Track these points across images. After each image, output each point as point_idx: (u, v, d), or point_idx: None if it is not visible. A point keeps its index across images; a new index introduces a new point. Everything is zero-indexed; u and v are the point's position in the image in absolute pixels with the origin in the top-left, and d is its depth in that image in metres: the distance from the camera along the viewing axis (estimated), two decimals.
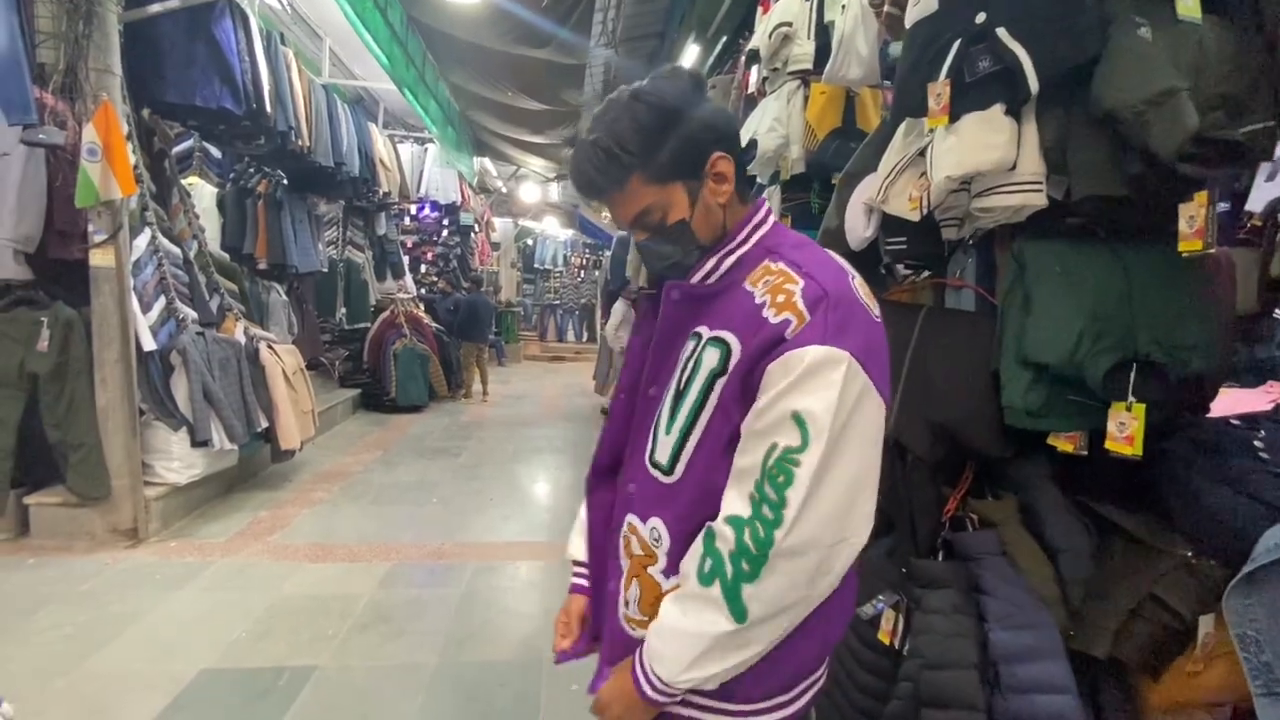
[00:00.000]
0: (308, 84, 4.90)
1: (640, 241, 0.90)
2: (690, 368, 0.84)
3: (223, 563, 3.21)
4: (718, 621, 0.75)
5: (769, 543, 0.73)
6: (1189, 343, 1.12)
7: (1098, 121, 1.07)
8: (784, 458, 0.73)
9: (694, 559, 0.80)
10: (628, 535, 0.92)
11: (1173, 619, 1.08)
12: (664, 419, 0.87)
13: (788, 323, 0.76)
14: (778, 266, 0.83)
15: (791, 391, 0.74)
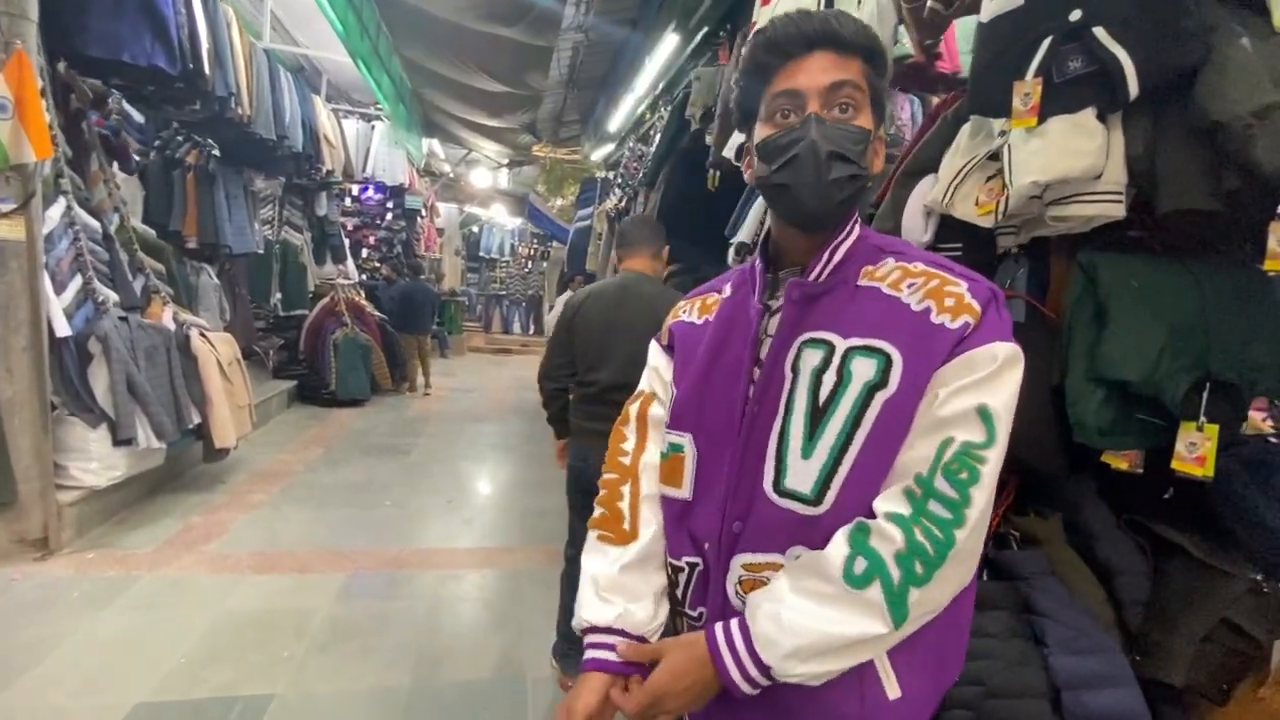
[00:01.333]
0: (249, 47, 4.48)
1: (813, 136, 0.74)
2: (834, 380, 0.75)
3: (151, 576, 2.88)
4: (870, 626, 0.68)
5: (950, 543, 0.67)
6: (1261, 363, 1.11)
7: (1191, 132, 1.03)
8: (965, 452, 0.68)
9: (834, 558, 0.70)
10: (746, 578, 0.80)
11: (1248, 644, 1.06)
12: (796, 441, 0.77)
13: (966, 325, 0.72)
14: (919, 268, 0.79)
15: (979, 387, 0.70)
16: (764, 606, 0.73)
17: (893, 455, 0.73)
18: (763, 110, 0.81)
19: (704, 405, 0.86)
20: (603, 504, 0.93)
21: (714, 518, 0.83)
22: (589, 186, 6.93)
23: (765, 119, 0.80)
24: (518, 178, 11.57)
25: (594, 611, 0.85)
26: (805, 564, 0.74)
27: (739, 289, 0.91)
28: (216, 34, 3.88)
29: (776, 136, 0.78)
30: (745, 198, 2.80)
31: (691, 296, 0.99)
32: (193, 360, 3.75)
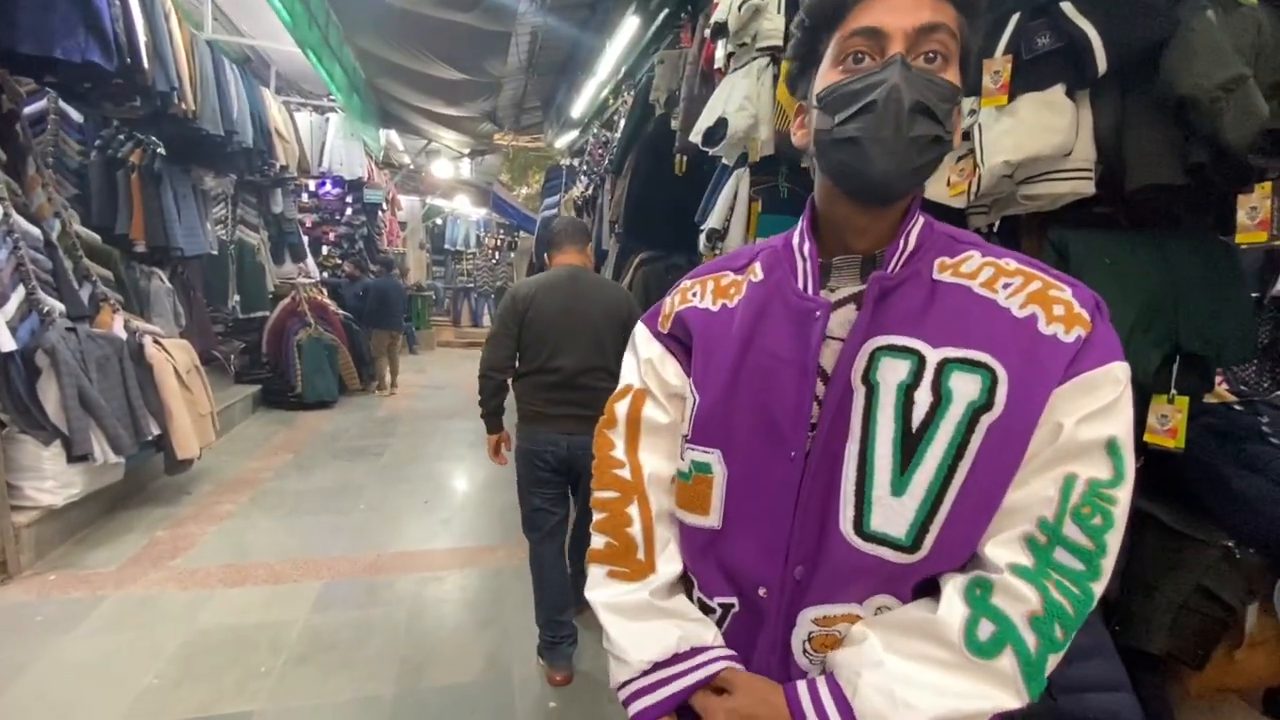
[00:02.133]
0: (190, 38, 4.26)
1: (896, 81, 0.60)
2: (930, 400, 0.63)
3: (118, 596, 2.77)
4: (1001, 700, 0.58)
5: (1088, 601, 0.59)
6: (1225, 335, 1.13)
7: (1158, 107, 1.03)
8: (1095, 494, 0.59)
9: (952, 621, 0.60)
10: (819, 634, 0.68)
11: (1220, 610, 1.09)
12: (884, 474, 0.64)
13: (1079, 338, 0.61)
14: (1013, 265, 0.66)
15: (1104, 415, 0.60)
16: (866, 677, 0.61)
17: (1000, 491, 0.61)
18: (830, 53, 0.66)
19: (738, 416, 0.71)
20: (605, 531, 0.77)
21: (763, 560, 0.69)
22: (554, 174, 6.82)
23: (833, 62, 0.65)
24: (480, 167, 11.34)
25: (646, 645, 0.70)
26: (905, 622, 0.63)
27: (773, 272, 0.74)
28: (154, 26, 3.67)
29: (848, 81, 0.63)
30: (714, 182, 2.77)
31: (697, 276, 0.82)
32: (148, 369, 3.60)
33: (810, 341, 0.67)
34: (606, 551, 0.77)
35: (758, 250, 0.80)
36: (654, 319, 0.83)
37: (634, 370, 0.82)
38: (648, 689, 0.70)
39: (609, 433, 0.82)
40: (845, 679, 0.63)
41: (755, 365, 0.71)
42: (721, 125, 2.40)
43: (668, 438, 0.79)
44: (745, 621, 0.73)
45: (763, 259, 0.77)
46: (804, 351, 0.67)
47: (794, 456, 0.67)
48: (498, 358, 2.31)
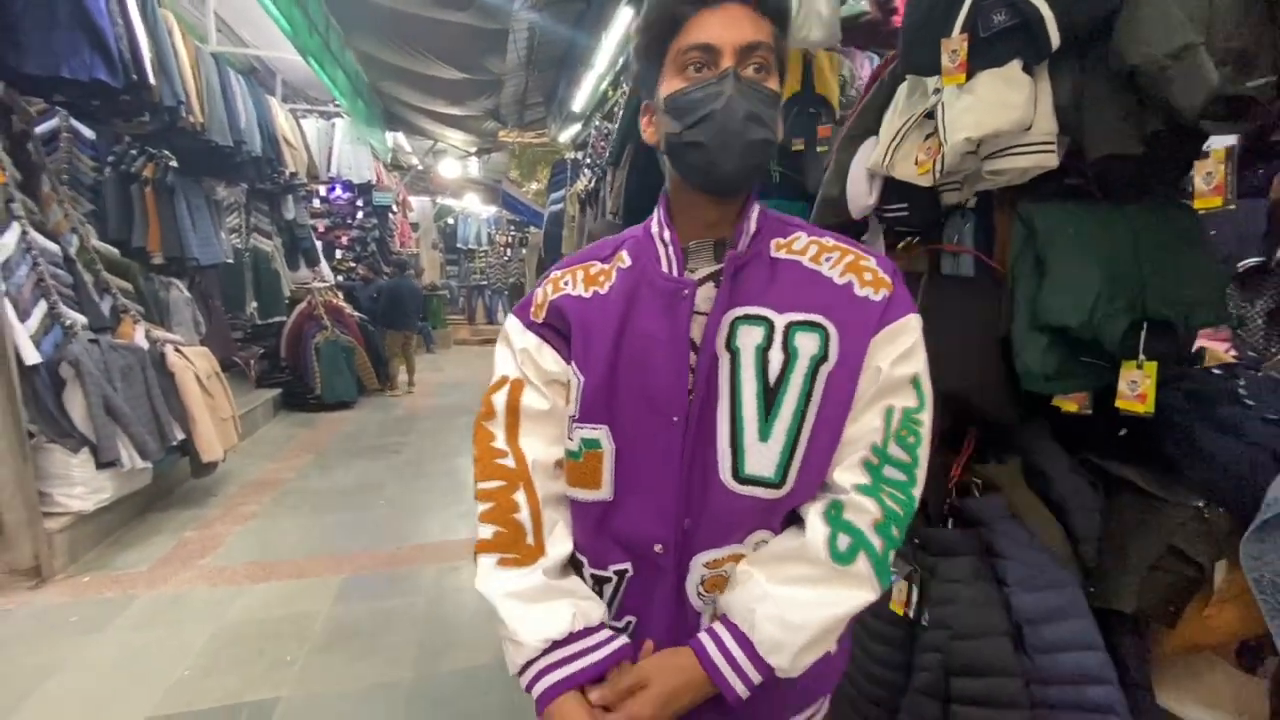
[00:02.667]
0: (194, 52, 4.36)
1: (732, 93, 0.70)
2: (782, 358, 0.74)
3: (149, 595, 2.89)
4: (863, 596, 0.71)
5: (911, 503, 0.73)
6: (1193, 299, 1.14)
7: (1114, 78, 1.05)
8: (908, 419, 0.74)
9: (817, 541, 0.71)
10: (710, 576, 0.77)
11: (1191, 569, 1.11)
12: (751, 424, 0.74)
13: (889, 298, 0.75)
14: (831, 242, 0.81)
15: (908, 357, 0.75)
16: (759, 611, 0.71)
17: (840, 426, 0.74)
18: (670, 61, 0.75)
19: (621, 392, 0.77)
20: (493, 520, 0.79)
21: (655, 519, 0.76)
22: (559, 169, 6.86)
23: (674, 72, 0.75)
24: (488, 165, 11.42)
25: (541, 625, 0.74)
26: (780, 552, 0.74)
27: (639, 259, 0.82)
28: (158, 42, 3.77)
29: (690, 90, 0.73)
30: None
31: (566, 266, 0.87)
32: (170, 377, 3.73)
33: (681, 318, 0.76)
34: (495, 540, 0.79)
35: (621, 240, 0.87)
36: (526, 310, 0.85)
37: (509, 361, 0.84)
38: (550, 668, 0.74)
39: (488, 424, 0.83)
40: (741, 618, 0.72)
41: (633, 344, 0.77)
42: None
43: (549, 423, 0.82)
44: (640, 581, 0.80)
45: (628, 248, 0.84)
46: (676, 327, 0.76)
47: (676, 421, 0.75)
48: None
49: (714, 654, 0.72)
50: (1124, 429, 1.31)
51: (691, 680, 0.72)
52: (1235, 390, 1.28)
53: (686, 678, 0.72)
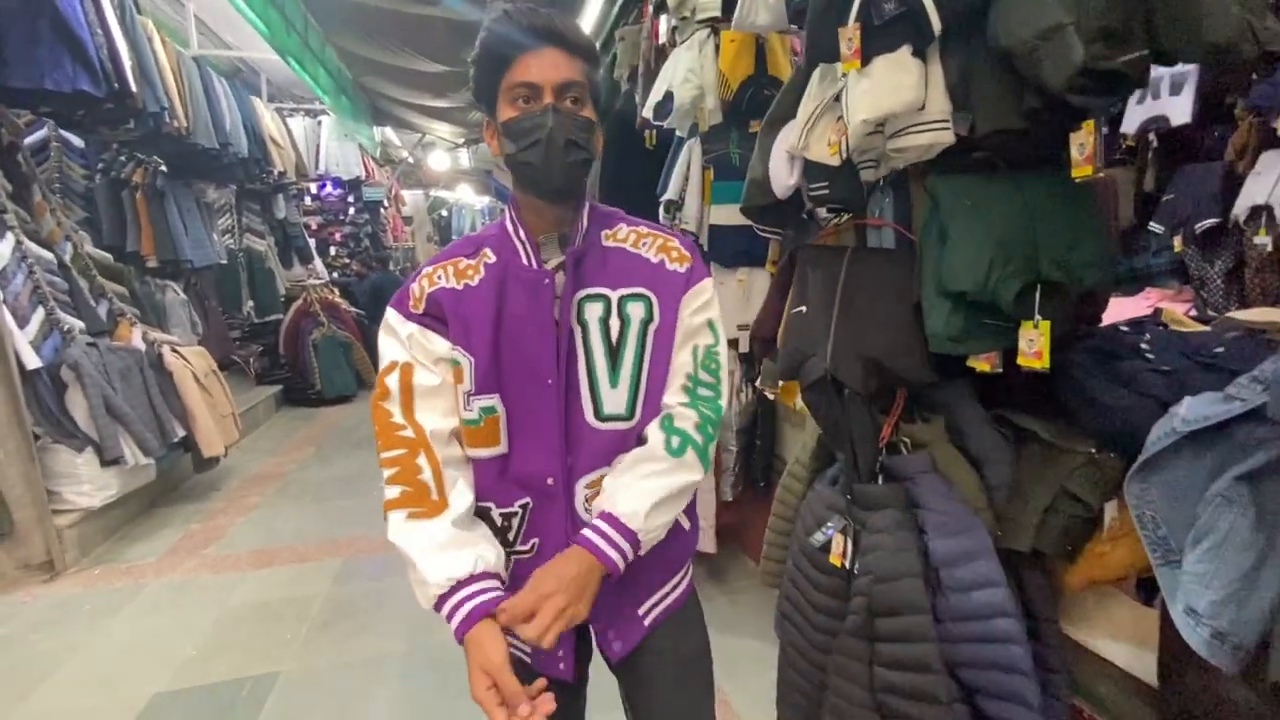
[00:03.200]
0: (175, 57, 4.44)
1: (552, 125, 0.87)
2: (619, 324, 0.96)
3: (158, 583, 3.04)
4: (693, 475, 0.95)
5: (719, 409, 0.99)
6: (1084, 261, 1.23)
7: (996, 59, 1.13)
8: (709, 353, 1.00)
9: (656, 444, 0.94)
10: (590, 493, 0.97)
11: (1083, 509, 1.21)
12: (603, 376, 0.96)
13: (690, 269, 0.99)
14: (645, 230, 1.03)
15: (703, 309, 1.00)
16: (620, 494, 0.91)
17: (667, 367, 0.98)
18: (502, 94, 0.91)
19: (506, 366, 0.94)
20: (399, 481, 0.90)
21: (546, 459, 0.95)
22: None
23: (506, 102, 0.90)
24: (477, 155, 11.43)
25: (448, 567, 0.85)
26: (632, 457, 0.95)
27: (501, 254, 0.96)
28: (138, 49, 3.85)
29: (520, 119, 0.89)
30: (670, 157, 2.87)
31: (438, 262, 0.99)
32: (168, 376, 3.85)
33: (545, 302, 0.94)
34: (402, 498, 0.89)
35: (483, 238, 1.01)
36: (404, 303, 0.97)
37: (397, 347, 0.96)
38: (462, 601, 0.84)
39: (385, 404, 0.94)
40: (608, 503, 0.91)
41: (510, 327, 0.95)
42: (669, 98, 2.50)
43: (440, 397, 0.95)
44: (539, 511, 0.99)
45: (490, 245, 0.99)
46: (541, 309, 0.94)
47: (550, 384, 0.94)
48: None
49: (592, 536, 0.89)
50: (1033, 385, 1.40)
51: (580, 566, 0.86)
52: (1139, 345, 1.37)
53: (576, 566, 0.86)
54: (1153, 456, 1.11)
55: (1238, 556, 1.00)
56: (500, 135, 0.93)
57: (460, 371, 0.94)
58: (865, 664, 1.37)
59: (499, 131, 0.93)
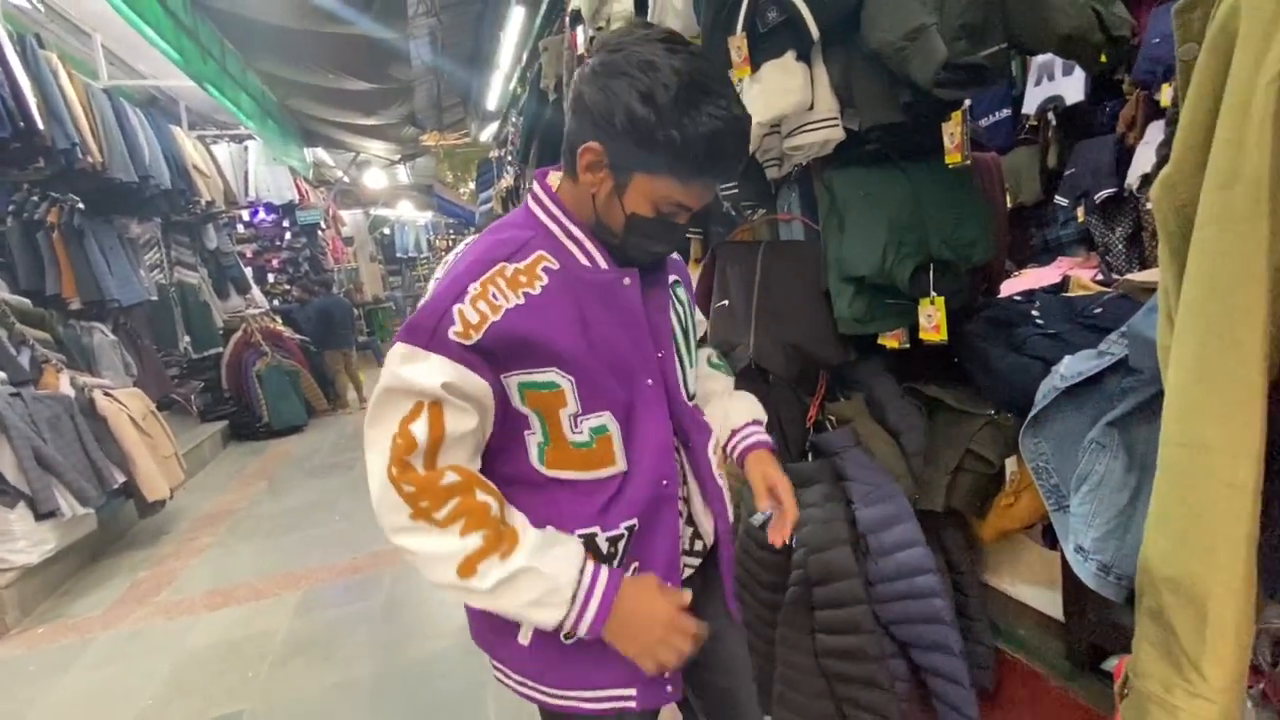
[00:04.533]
0: (84, 90, 4.27)
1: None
2: (682, 311, 1.02)
3: (107, 636, 2.94)
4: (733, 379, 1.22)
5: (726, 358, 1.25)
6: (969, 239, 1.34)
7: (872, 58, 1.22)
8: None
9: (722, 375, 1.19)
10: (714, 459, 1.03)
11: (987, 466, 1.32)
12: (686, 358, 1.00)
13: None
14: None
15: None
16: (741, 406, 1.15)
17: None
18: (653, 182, 0.80)
19: (607, 379, 0.86)
20: (476, 528, 0.79)
21: (660, 463, 0.91)
22: (485, 168, 6.89)
23: (649, 198, 0.82)
24: (416, 171, 11.29)
25: (571, 557, 0.83)
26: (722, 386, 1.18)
27: (559, 257, 0.86)
28: (43, 86, 3.70)
29: (651, 224, 0.84)
30: None
31: (481, 275, 0.82)
32: (102, 421, 3.71)
33: (634, 302, 0.89)
34: (488, 544, 0.79)
35: (521, 238, 0.87)
36: (442, 334, 0.78)
37: (423, 385, 0.78)
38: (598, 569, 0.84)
39: (411, 459, 0.79)
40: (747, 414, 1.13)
41: (600, 334, 0.85)
42: None
43: (474, 437, 0.84)
44: (646, 529, 0.92)
45: (544, 249, 0.86)
46: (632, 311, 0.89)
47: (651, 384, 0.91)
48: None
49: (762, 438, 1.10)
50: (940, 357, 1.51)
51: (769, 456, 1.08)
52: (1030, 313, 1.49)
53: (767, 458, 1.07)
54: (1040, 412, 1.22)
55: (1114, 496, 1.11)
56: (618, 199, 0.83)
57: (560, 395, 0.84)
58: (807, 632, 1.45)
59: (617, 202, 0.83)
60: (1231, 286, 0.62)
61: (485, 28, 5.35)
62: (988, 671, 1.42)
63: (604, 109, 0.77)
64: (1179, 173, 0.68)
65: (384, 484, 0.79)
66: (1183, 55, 0.73)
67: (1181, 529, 0.66)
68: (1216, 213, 0.63)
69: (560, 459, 0.87)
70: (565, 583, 0.81)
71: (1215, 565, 0.64)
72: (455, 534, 0.79)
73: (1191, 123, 0.66)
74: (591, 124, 0.80)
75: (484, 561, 0.79)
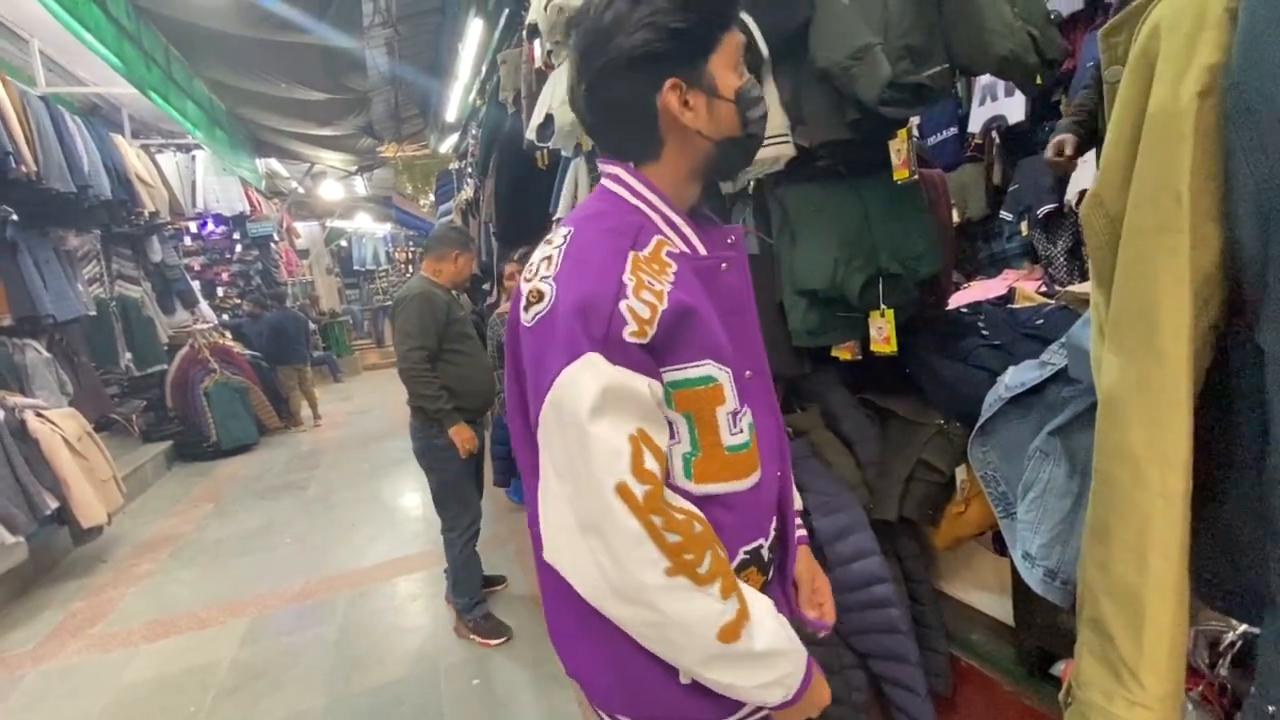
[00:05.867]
0: (19, 97, 4.08)
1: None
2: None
3: (37, 673, 2.76)
4: None
5: None
6: (916, 253, 1.37)
7: (820, 77, 1.24)
8: None
9: None
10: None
11: (938, 476, 1.34)
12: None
13: None
14: None
15: None
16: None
17: None
18: (725, 52, 0.74)
19: (744, 371, 0.78)
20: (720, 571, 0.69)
21: (777, 457, 0.85)
22: (444, 180, 6.79)
23: (730, 65, 0.75)
24: (374, 182, 11.09)
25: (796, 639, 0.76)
26: None
27: (673, 240, 0.76)
28: None
29: (750, 88, 0.76)
30: (559, 176, 2.92)
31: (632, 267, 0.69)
32: (33, 444, 3.51)
33: (747, 286, 0.83)
34: (743, 606, 0.71)
35: (631, 223, 0.75)
36: (615, 337, 0.66)
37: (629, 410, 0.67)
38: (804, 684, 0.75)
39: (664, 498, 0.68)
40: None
41: (731, 324, 0.76)
42: (550, 120, 2.55)
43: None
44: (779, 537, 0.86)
45: (657, 234, 0.76)
46: (748, 296, 0.83)
47: (753, 374, 0.81)
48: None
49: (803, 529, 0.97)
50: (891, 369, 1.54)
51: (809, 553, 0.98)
52: (976, 324, 1.53)
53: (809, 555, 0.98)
54: (987, 421, 1.25)
55: (1058, 502, 1.14)
56: (721, 101, 0.74)
57: (718, 391, 0.73)
58: None
59: (721, 97, 0.74)
60: (1157, 298, 0.64)
61: (444, 39, 5.30)
62: (944, 678, 1.44)
63: (638, 43, 0.70)
64: (1106, 188, 0.70)
65: (638, 537, 0.65)
66: (1108, 77, 0.76)
67: (1116, 538, 0.68)
68: (1141, 225, 0.65)
69: (710, 469, 0.74)
70: (800, 667, 0.74)
71: (1149, 573, 0.65)
72: (717, 594, 0.68)
73: (1117, 140, 0.68)
74: (642, 74, 0.72)
75: (745, 626, 0.69)
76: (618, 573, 0.66)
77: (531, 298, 0.70)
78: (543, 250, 0.74)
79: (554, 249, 0.72)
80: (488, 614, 2.65)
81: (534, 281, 0.71)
